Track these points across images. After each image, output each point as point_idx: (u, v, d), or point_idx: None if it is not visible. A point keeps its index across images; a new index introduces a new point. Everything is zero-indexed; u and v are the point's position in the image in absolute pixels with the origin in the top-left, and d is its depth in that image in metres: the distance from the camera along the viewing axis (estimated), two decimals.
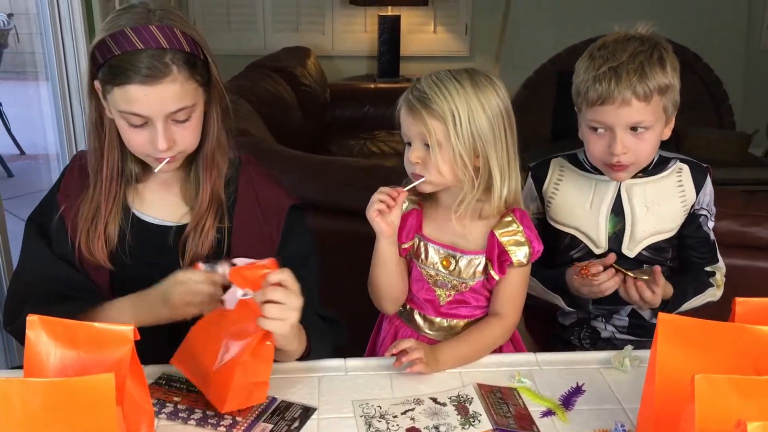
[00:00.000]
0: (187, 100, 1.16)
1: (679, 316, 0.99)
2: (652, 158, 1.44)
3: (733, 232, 1.94)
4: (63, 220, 1.25)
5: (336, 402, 1.16)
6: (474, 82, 1.23)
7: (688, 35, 4.58)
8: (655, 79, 1.32)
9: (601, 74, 1.32)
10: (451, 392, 1.19)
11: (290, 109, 3.54)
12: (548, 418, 1.13)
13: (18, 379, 0.84)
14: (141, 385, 0.97)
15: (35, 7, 2.45)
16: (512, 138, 1.27)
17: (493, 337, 1.32)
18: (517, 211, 1.30)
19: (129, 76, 1.12)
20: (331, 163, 2.34)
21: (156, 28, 1.13)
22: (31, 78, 3.66)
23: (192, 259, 1.25)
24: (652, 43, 1.36)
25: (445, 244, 1.32)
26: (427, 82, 1.24)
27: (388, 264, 1.32)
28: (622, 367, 1.26)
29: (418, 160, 1.25)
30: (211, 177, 1.26)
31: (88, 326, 0.94)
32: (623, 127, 1.34)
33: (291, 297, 1.07)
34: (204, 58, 1.19)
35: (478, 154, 1.23)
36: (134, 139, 1.18)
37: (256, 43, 4.46)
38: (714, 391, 0.84)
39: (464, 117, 1.21)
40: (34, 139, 4.14)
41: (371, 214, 1.26)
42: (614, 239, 1.47)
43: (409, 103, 1.25)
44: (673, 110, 1.39)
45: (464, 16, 4.60)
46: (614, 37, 1.39)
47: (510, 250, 1.28)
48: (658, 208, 1.46)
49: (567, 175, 1.52)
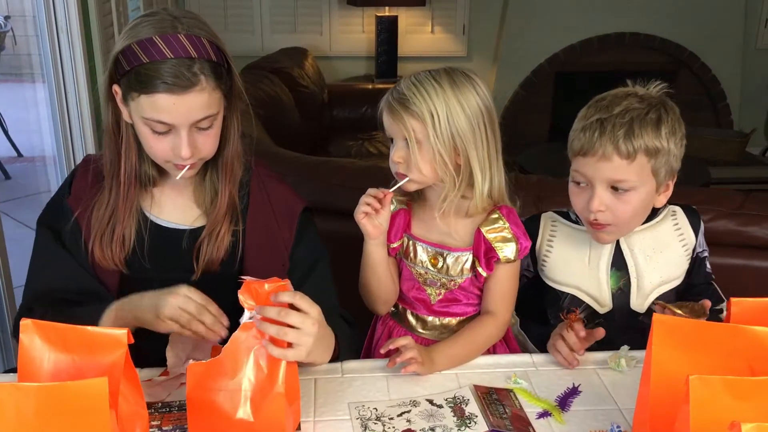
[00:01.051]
0: (212, 109, 1.17)
1: (674, 316, 0.99)
2: (636, 223, 1.34)
3: (730, 231, 1.94)
4: (78, 223, 1.25)
5: (332, 404, 1.16)
6: (452, 81, 1.24)
7: (685, 35, 4.59)
8: (643, 138, 1.24)
9: (588, 124, 1.27)
10: (447, 394, 1.18)
11: (288, 111, 3.54)
12: (544, 419, 1.13)
13: (11, 384, 0.83)
14: (135, 389, 0.97)
15: (32, 10, 2.45)
16: (493, 135, 1.27)
17: (487, 335, 1.32)
18: (504, 208, 1.31)
19: (157, 85, 1.12)
20: (329, 164, 2.34)
21: (185, 38, 1.13)
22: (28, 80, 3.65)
23: (206, 265, 1.25)
24: (654, 102, 1.29)
25: (433, 243, 1.33)
26: (406, 83, 1.26)
27: (378, 266, 1.33)
28: (618, 368, 1.25)
29: (400, 159, 1.26)
30: (228, 184, 1.27)
31: (82, 330, 0.93)
32: (603, 183, 1.27)
33: (307, 322, 1.04)
34: (228, 66, 1.20)
35: (459, 153, 1.24)
36: (156, 146, 1.18)
37: (254, 44, 4.46)
38: (709, 391, 0.84)
39: (443, 116, 1.22)
40: (31, 142, 4.13)
41: (358, 216, 1.28)
42: (620, 295, 1.38)
43: (389, 105, 1.26)
44: (667, 176, 1.30)
45: (462, 16, 4.60)
46: (617, 91, 1.33)
47: (497, 246, 1.29)
48: (661, 256, 1.38)
49: (560, 231, 1.43)
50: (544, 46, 4.62)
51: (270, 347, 1.01)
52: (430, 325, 1.38)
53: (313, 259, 1.34)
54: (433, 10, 4.56)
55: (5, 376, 1.23)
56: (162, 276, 1.23)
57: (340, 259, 1.64)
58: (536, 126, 4.68)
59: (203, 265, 1.26)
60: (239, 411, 1.01)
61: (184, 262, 1.26)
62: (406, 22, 4.53)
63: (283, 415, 1.01)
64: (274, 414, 1.01)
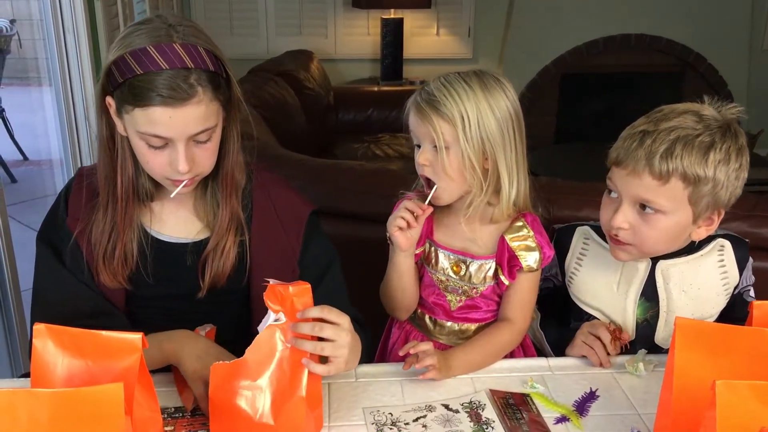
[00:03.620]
0: (210, 121, 1.13)
1: (697, 320, 0.97)
2: (661, 250, 1.25)
3: (743, 233, 1.91)
4: (78, 244, 1.21)
5: (346, 409, 1.14)
6: (483, 84, 1.22)
7: (691, 36, 4.58)
8: (683, 161, 1.12)
9: (631, 134, 1.19)
10: (464, 399, 1.17)
11: (294, 113, 3.53)
12: (562, 425, 1.11)
13: (25, 390, 0.82)
14: (150, 394, 0.96)
15: (38, 13, 2.45)
16: (521, 140, 1.25)
17: (504, 342, 1.31)
18: (528, 216, 1.29)
19: (152, 97, 1.07)
20: (336, 166, 2.33)
21: (180, 47, 1.08)
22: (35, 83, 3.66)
23: (213, 279, 1.22)
24: (714, 125, 1.16)
25: (456, 250, 1.31)
26: (436, 85, 1.23)
27: (405, 275, 1.31)
28: (636, 372, 1.24)
29: (426, 162, 1.23)
30: (230, 197, 1.23)
31: (96, 335, 0.92)
32: (630, 199, 1.19)
33: (341, 334, 1.03)
34: (226, 76, 1.16)
35: (487, 157, 1.22)
36: (153, 161, 1.14)
37: (259, 47, 4.46)
38: (735, 397, 0.83)
39: (473, 119, 1.19)
40: (37, 145, 4.13)
41: (392, 229, 1.25)
42: (645, 326, 1.30)
43: (417, 106, 1.23)
44: (710, 209, 1.18)
45: (467, 18, 4.59)
46: (681, 105, 1.21)
47: (520, 255, 1.27)
48: (698, 292, 1.28)
49: (591, 250, 1.35)
50: (550, 48, 4.61)
51: (311, 365, 1.00)
52: (447, 330, 1.36)
53: (323, 264, 1.31)
54: (439, 12, 4.56)
55: (18, 381, 1.22)
56: (168, 291, 1.21)
57: (349, 261, 1.62)
58: (542, 128, 4.66)
59: (210, 280, 1.23)
60: (259, 413, 1.00)
61: (188, 276, 1.23)
62: (411, 25, 4.52)
63: (303, 420, 1.00)
64: (294, 419, 1.00)
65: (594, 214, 1.32)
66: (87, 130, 2.50)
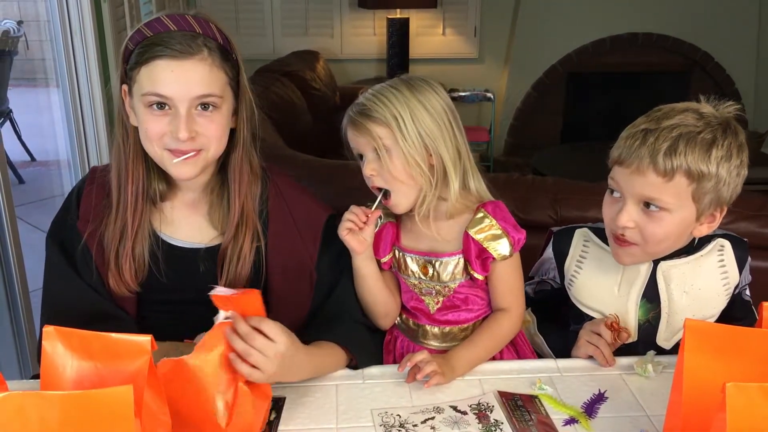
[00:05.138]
0: (214, 88, 1.13)
1: (706, 321, 0.97)
2: (665, 249, 1.25)
3: (751, 233, 1.91)
4: (88, 247, 1.21)
5: (355, 411, 1.14)
6: (410, 86, 1.25)
7: (699, 35, 4.56)
8: (686, 158, 1.13)
9: (633, 133, 1.19)
10: (472, 400, 1.17)
11: (300, 113, 3.53)
12: (571, 426, 1.11)
13: (35, 393, 0.82)
14: (159, 397, 0.95)
15: (45, 14, 2.45)
16: (459, 130, 1.27)
17: (504, 332, 1.31)
18: (489, 205, 1.28)
19: (157, 51, 1.10)
20: (343, 167, 2.32)
21: (192, 18, 1.14)
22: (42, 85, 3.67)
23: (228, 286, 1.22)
24: (714, 122, 1.17)
25: (421, 252, 1.31)
26: (365, 96, 1.26)
27: (368, 280, 1.30)
28: (645, 373, 1.23)
29: (373, 172, 1.25)
30: (241, 190, 1.22)
31: (105, 337, 0.92)
32: (634, 198, 1.19)
33: (271, 348, 1.03)
34: (236, 60, 1.18)
35: (431, 152, 1.24)
36: (153, 128, 1.12)
37: (265, 47, 4.46)
38: (746, 399, 0.82)
39: (407, 118, 1.22)
40: (44, 146, 4.15)
41: (341, 232, 1.25)
42: (647, 328, 1.30)
43: (351, 119, 1.26)
44: (713, 205, 1.18)
45: (473, 18, 4.59)
46: (680, 104, 1.21)
47: (488, 246, 1.26)
48: (698, 293, 1.28)
49: (591, 252, 1.35)
50: (556, 47, 4.60)
51: (237, 362, 1.02)
52: (431, 335, 1.36)
53: (340, 269, 1.30)
54: (445, 12, 4.55)
55: (28, 383, 1.22)
56: (181, 297, 1.20)
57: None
58: (548, 127, 4.66)
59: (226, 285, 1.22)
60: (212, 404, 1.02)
61: (203, 283, 1.20)
62: (417, 24, 4.52)
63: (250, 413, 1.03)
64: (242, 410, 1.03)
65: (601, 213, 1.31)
66: (95, 131, 2.50)
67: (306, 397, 1.17)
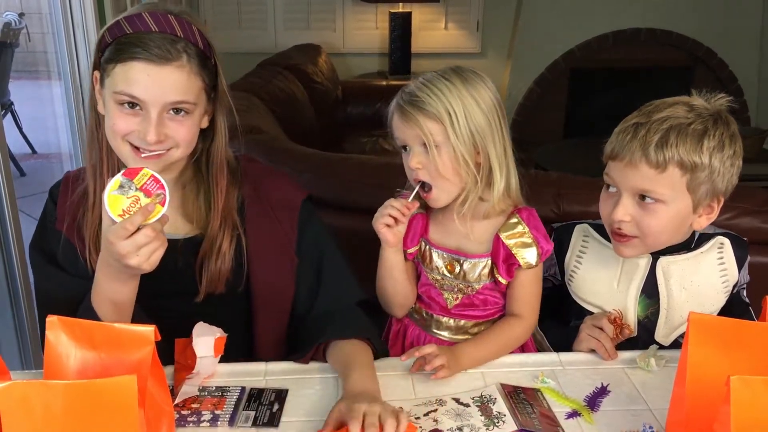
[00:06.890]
0: (189, 95, 1.11)
1: (710, 315, 0.96)
2: (664, 241, 1.25)
3: (755, 229, 1.91)
4: (69, 242, 1.20)
5: None
6: (463, 78, 1.21)
7: (702, 30, 4.55)
8: (679, 149, 1.14)
9: (625, 127, 1.20)
10: (474, 393, 1.17)
11: (302, 107, 3.53)
12: (574, 419, 1.11)
13: (39, 382, 0.83)
14: (162, 387, 0.96)
15: (47, 7, 2.45)
16: (506, 129, 1.25)
17: (514, 338, 1.30)
18: (523, 212, 1.28)
19: (136, 52, 1.07)
20: (344, 160, 2.33)
21: (174, 18, 1.11)
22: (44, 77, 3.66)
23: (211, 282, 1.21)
24: (705, 114, 1.18)
25: (449, 249, 1.30)
26: (417, 85, 1.22)
27: (394, 271, 1.30)
28: (647, 367, 1.23)
29: (419, 165, 1.22)
30: (221, 192, 1.21)
31: (108, 327, 0.92)
32: (629, 191, 1.20)
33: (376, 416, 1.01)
34: (215, 64, 1.16)
35: (479, 150, 1.21)
36: (120, 125, 1.10)
37: (267, 41, 4.45)
38: (750, 392, 0.82)
39: (460, 114, 1.19)
40: (46, 138, 4.15)
41: (378, 226, 1.24)
42: (646, 324, 1.30)
43: (400, 109, 1.22)
44: (709, 196, 1.19)
45: (476, 12, 4.57)
46: (672, 98, 1.22)
47: (517, 252, 1.25)
48: (698, 289, 1.29)
49: (591, 248, 1.35)
50: (559, 42, 4.59)
51: None
52: (444, 326, 1.35)
53: (321, 250, 1.29)
54: (447, 6, 4.54)
55: (30, 373, 1.21)
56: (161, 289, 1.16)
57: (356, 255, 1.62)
58: (551, 123, 4.65)
59: (207, 283, 1.21)
60: None
61: (183, 276, 1.21)
62: (419, 19, 4.50)
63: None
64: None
65: None
66: None
67: (308, 389, 1.17)
